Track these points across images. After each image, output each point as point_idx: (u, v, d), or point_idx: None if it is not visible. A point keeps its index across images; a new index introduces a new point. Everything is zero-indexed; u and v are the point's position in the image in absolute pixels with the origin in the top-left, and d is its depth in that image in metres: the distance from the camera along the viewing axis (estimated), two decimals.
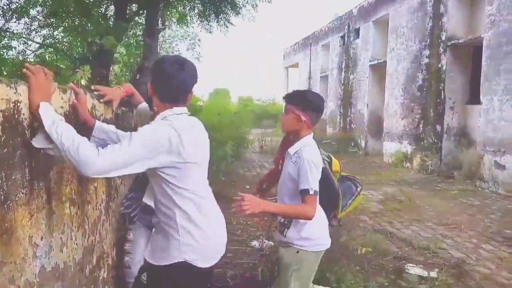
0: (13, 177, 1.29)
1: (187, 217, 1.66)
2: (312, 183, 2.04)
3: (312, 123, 2.18)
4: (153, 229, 2.13)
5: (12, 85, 1.31)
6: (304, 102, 2.17)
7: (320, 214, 2.22)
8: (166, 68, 1.65)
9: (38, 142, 1.42)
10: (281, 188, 2.26)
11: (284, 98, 2.27)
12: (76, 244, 1.82)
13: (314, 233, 2.20)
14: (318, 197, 2.09)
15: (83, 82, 3.41)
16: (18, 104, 1.34)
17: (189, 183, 1.65)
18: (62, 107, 1.69)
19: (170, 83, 1.66)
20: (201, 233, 1.69)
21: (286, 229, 2.18)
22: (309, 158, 2.07)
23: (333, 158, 2.44)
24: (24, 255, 1.34)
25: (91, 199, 2.04)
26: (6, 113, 1.26)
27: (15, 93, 1.32)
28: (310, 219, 2.07)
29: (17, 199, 1.31)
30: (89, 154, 1.38)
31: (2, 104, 1.24)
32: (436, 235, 4.83)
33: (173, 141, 1.56)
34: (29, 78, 1.41)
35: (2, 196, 1.22)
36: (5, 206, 1.24)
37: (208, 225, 1.72)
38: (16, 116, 1.32)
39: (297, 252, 2.17)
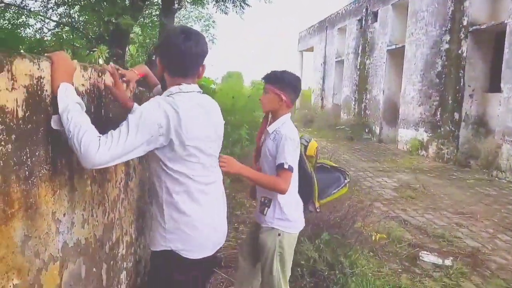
0: (37, 153, 1.29)
1: (175, 203, 1.60)
2: (288, 158, 2.11)
3: (291, 102, 2.26)
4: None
5: (35, 61, 1.30)
6: (283, 82, 2.23)
7: (296, 196, 2.29)
8: (172, 39, 1.58)
9: (55, 123, 1.41)
10: (262, 165, 2.30)
11: (263, 78, 2.33)
12: (97, 221, 1.84)
13: (293, 215, 2.25)
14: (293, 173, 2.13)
15: (100, 61, 3.41)
16: (41, 80, 1.33)
17: (185, 167, 1.58)
18: (83, 84, 1.68)
19: (177, 54, 1.58)
20: (189, 222, 1.61)
21: (266, 208, 2.22)
22: (286, 134, 2.16)
23: (310, 142, 2.41)
24: (48, 230, 1.36)
25: (110, 178, 2.05)
26: (30, 89, 1.25)
27: (38, 68, 1.31)
28: (283, 192, 2.13)
29: (40, 175, 1.32)
30: (90, 147, 1.34)
31: (26, 79, 1.23)
32: (451, 223, 4.79)
33: (171, 122, 1.49)
34: (50, 56, 1.38)
35: (27, 172, 1.23)
36: (30, 181, 1.25)
37: (200, 214, 1.64)
38: (39, 92, 1.32)
39: (279, 235, 2.20)
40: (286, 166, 2.09)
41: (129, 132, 1.43)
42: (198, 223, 1.63)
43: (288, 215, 2.20)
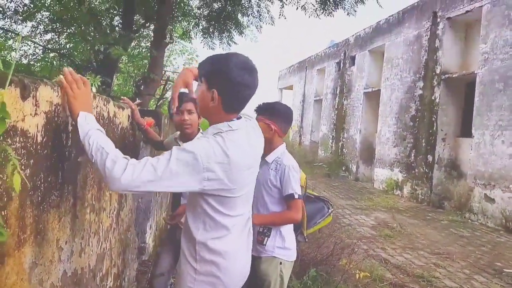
0: (49, 179, 1.29)
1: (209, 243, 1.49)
2: (296, 188, 2.16)
3: (282, 132, 2.31)
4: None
5: (55, 88, 1.33)
6: (273, 112, 2.30)
7: (290, 226, 2.31)
8: (236, 70, 1.42)
9: None
10: (261, 195, 2.26)
11: (255, 110, 2.37)
12: (92, 251, 1.80)
13: (292, 243, 2.28)
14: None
15: (94, 89, 3.42)
16: (58, 107, 1.35)
17: (228, 209, 1.49)
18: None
19: (243, 88, 1.46)
20: (225, 264, 1.50)
21: (266, 238, 2.21)
22: (290, 165, 2.20)
23: (300, 173, 2.42)
24: (52, 258, 1.34)
25: (105, 206, 2.03)
26: (49, 115, 1.27)
27: (57, 96, 1.33)
28: (298, 222, 2.18)
29: (50, 201, 1.31)
30: (115, 169, 1.28)
31: (46, 106, 1.25)
32: (429, 264, 4.87)
33: (219, 168, 1.38)
34: (66, 88, 1.35)
35: (40, 197, 1.22)
36: (41, 207, 1.24)
37: (233, 255, 1.53)
38: (55, 119, 1.33)
39: (280, 263, 2.20)
40: (296, 196, 2.13)
41: (170, 160, 1.33)
42: (232, 264, 1.52)
43: (288, 244, 2.22)
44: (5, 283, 1.03)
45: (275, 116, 2.28)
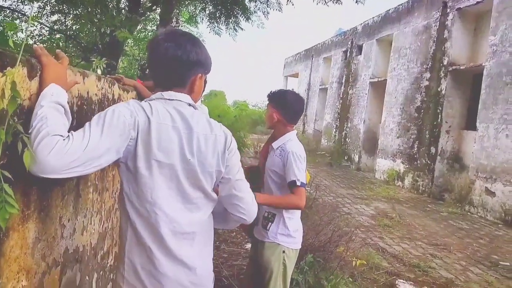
0: None
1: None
2: (298, 175, 2.13)
3: (288, 121, 2.29)
4: None
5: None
6: (278, 101, 2.29)
7: (299, 213, 2.31)
8: (153, 42, 1.35)
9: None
10: (266, 181, 2.31)
11: (267, 96, 2.39)
12: (94, 229, 1.85)
13: (297, 232, 2.27)
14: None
15: (99, 71, 3.45)
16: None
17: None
18: (96, 94, 1.73)
19: (156, 59, 1.34)
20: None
21: (270, 223, 2.22)
22: (293, 151, 2.18)
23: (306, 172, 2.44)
24: (54, 234, 1.38)
25: (108, 187, 2.08)
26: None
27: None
28: (301, 208, 2.17)
29: (54, 179, 1.35)
30: (40, 147, 1.03)
31: None
32: (426, 254, 4.93)
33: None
34: (40, 56, 1.15)
35: None
36: (45, 185, 1.28)
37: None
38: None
39: (283, 251, 2.21)
40: (298, 183, 2.11)
41: (91, 131, 1.15)
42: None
43: (291, 231, 2.21)
44: (9, 256, 1.07)
45: (280, 105, 2.28)
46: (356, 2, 6.91)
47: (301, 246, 2.37)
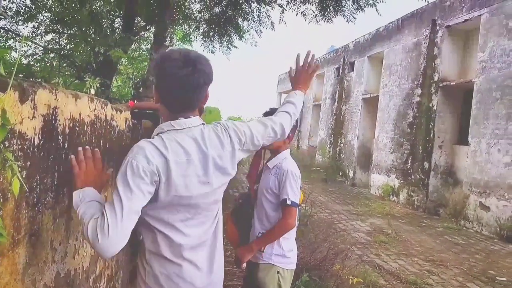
0: (45, 181, 1.31)
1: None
2: (291, 194, 2.13)
3: (288, 138, 2.27)
4: None
5: (53, 91, 1.35)
6: None
7: (294, 233, 2.29)
8: (167, 65, 1.39)
9: None
10: (260, 202, 2.28)
11: (263, 115, 2.36)
12: (86, 252, 1.82)
13: (291, 252, 2.25)
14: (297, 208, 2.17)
15: (92, 91, 3.46)
16: (56, 110, 1.38)
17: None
18: (88, 116, 1.73)
19: (174, 84, 1.39)
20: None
21: (262, 247, 2.20)
22: (289, 169, 2.18)
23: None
24: (45, 259, 1.35)
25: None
26: (46, 118, 1.29)
27: (55, 99, 1.36)
28: (292, 227, 2.16)
29: (45, 202, 1.33)
30: (94, 238, 1.21)
31: (44, 109, 1.28)
32: (422, 270, 4.89)
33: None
34: (73, 167, 1.37)
35: (35, 199, 1.25)
36: (36, 208, 1.26)
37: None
38: (53, 122, 1.36)
39: (278, 272, 2.18)
40: (289, 203, 2.10)
41: (121, 196, 1.25)
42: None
43: (286, 251, 2.19)
44: None
45: None
46: (347, 21, 7.04)
47: (296, 264, 2.35)
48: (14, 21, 6.11)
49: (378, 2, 6.80)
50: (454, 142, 9.22)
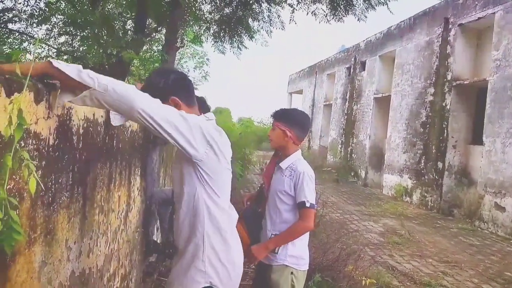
0: (59, 181, 1.33)
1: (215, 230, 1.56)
2: (309, 196, 2.12)
3: (297, 139, 2.27)
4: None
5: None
6: (289, 119, 2.27)
7: (307, 234, 2.28)
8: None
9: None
10: (273, 202, 2.25)
11: (272, 115, 2.36)
12: (100, 251, 1.84)
13: (304, 252, 2.24)
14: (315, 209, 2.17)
15: None
16: (70, 111, 1.39)
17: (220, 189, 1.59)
18: (102, 116, 1.74)
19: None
20: (226, 253, 1.58)
21: (277, 246, 2.18)
22: (305, 171, 2.16)
23: None
24: (61, 257, 1.37)
25: (114, 208, 2.07)
26: (61, 118, 1.31)
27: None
28: (310, 229, 2.17)
29: (60, 202, 1.35)
30: (129, 87, 1.32)
31: (59, 109, 1.29)
32: (437, 272, 4.82)
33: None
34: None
35: (50, 198, 1.26)
36: (51, 208, 1.28)
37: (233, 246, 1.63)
38: (68, 122, 1.37)
39: (291, 273, 2.16)
40: (308, 205, 2.10)
41: (173, 112, 1.42)
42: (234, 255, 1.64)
43: (301, 252, 2.18)
44: (15, 280, 1.06)
45: (291, 123, 2.26)
46: (358, 20, 6.98)
47: (309, 265, 2.33)
48: (28, 23, 6.22)
49: (389, 1, 6.72)
50: (468, 142, 9.07)
